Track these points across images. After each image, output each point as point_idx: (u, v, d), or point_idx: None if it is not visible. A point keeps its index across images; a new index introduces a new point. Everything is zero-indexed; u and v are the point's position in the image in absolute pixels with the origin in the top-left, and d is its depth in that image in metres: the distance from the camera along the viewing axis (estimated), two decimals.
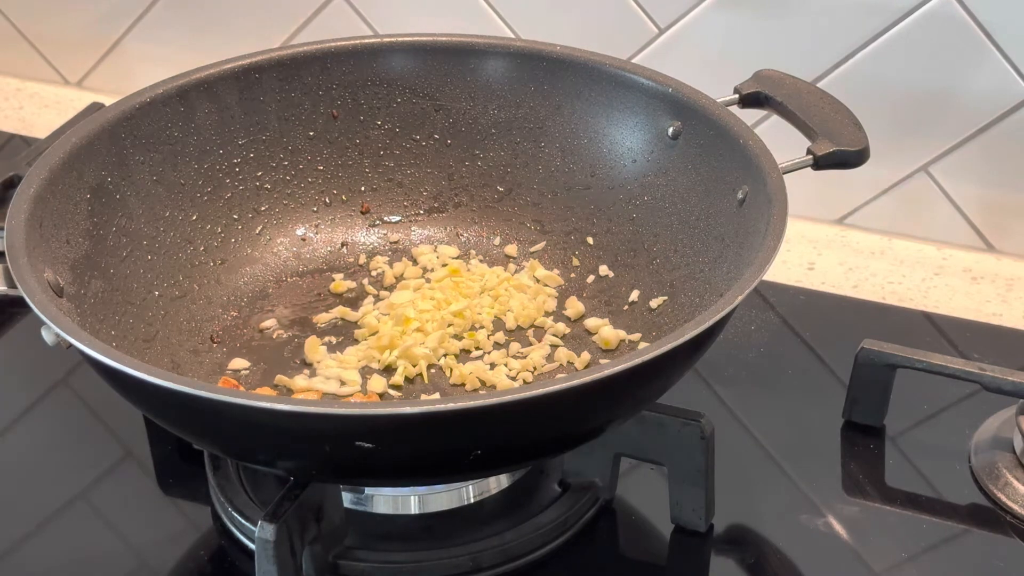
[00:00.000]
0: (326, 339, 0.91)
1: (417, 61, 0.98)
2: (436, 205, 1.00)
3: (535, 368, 0.88)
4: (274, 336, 0.92)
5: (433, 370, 0.89)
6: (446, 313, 0.91)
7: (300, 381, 0.87)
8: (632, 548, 0.85)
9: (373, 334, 0.91)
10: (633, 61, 1.14)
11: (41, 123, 1.32)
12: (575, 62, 0.96)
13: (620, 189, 0.95)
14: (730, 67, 0.97)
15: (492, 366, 0.89)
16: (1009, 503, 0.86)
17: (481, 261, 0.97)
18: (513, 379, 0.88)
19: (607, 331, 0.91)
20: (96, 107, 1.22)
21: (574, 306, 0.93)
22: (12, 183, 1.11)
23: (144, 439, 0.91)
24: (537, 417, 0.69)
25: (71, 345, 0.71)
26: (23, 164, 1.14)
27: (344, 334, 0.92)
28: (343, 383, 0.87)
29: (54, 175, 0.83)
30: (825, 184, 0.98)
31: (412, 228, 1.00)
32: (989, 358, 0.96)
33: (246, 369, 0.89)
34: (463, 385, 0.87)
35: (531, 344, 0.91)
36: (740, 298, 0.72)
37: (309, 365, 0.89)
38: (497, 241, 0.99)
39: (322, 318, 0.93)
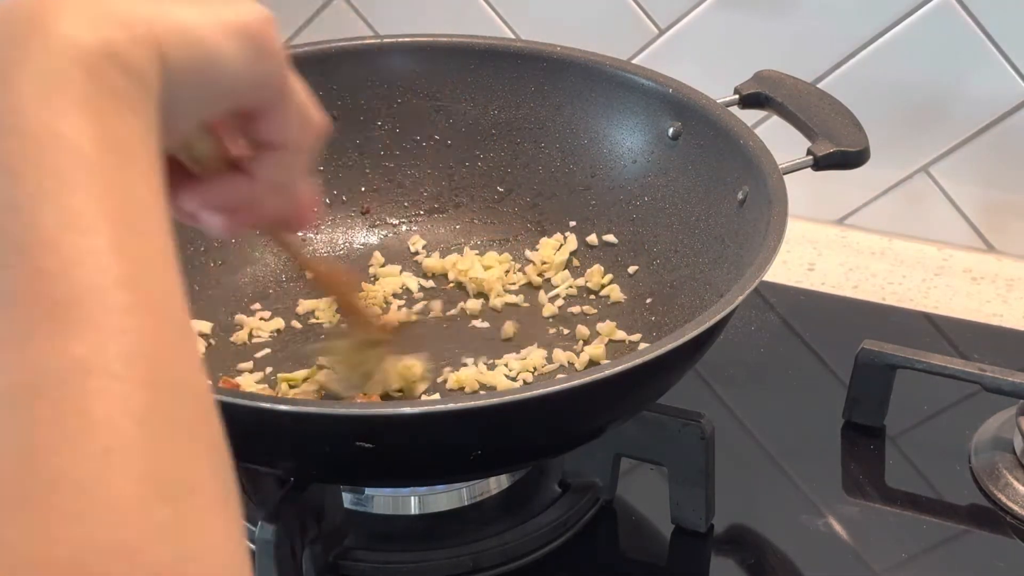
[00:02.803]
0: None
1: (417, 61, 0.98)
2: (436, 206, 1.00)
3: (535, 368, 0.88)
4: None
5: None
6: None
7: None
8: (632, 548, 0.85)
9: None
10: (633, 61, 1.14)
11: None
12: (575, 63, 0.96)
13: (620, 189, 0.95)
14: (730, 67, 0.97)
15: (492, 366, 0.89)
16: (1009, 503, 0.86)
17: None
18: (513, 379, 0.88)
19: (606, 326, 0.91)
20: None
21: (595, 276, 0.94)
22: None
23: None
24: (537, 417, 0.69)
25: None
26: None
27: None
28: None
29: None
30: (825, 184, 0.98)
31: (412, 229, 1.00)
32: (989, 358, 0.96)
33: (249, 370, 0.89)
34: (462, 388, 0.87)
35: (531, 344, 0.91)
36: (740, 298, 0.72)
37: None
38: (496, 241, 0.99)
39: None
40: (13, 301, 0.38)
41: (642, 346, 0.88)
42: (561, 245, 0.97)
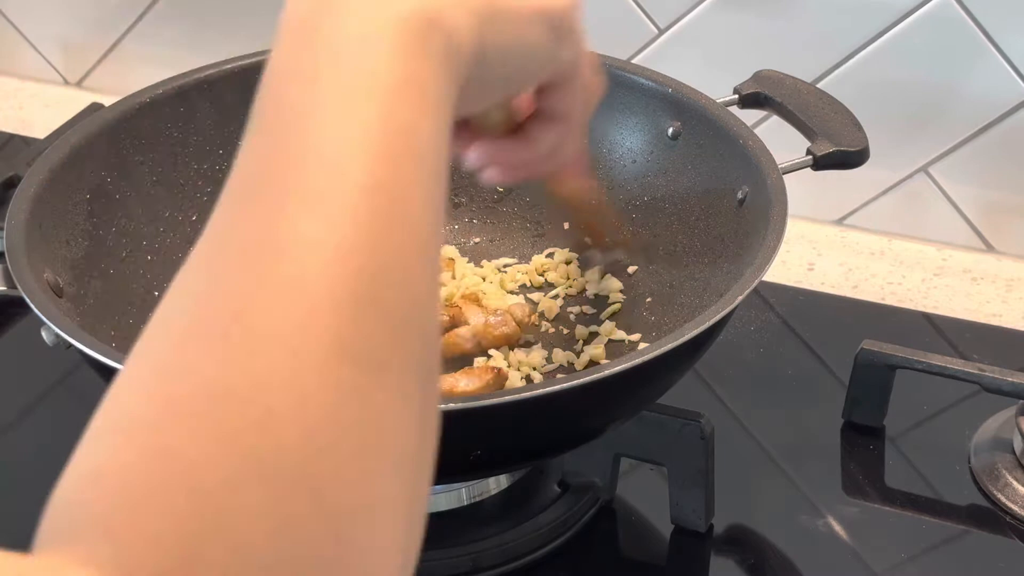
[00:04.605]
0: None
1: None
2: None
3: (535, 368, 0.88)
4: None
5: None
6: None
7: None
8: (632, 548, 0.85)
9: None
10: (633, 61, 1.14)
11: (41, 123, 1.32)
12: None
13: (620, 189, 0.95)
14: (730, 67, 0.97)
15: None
16: (1009, 504, 0.86)
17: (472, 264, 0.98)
18: None
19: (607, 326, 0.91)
20: (96, 107, 1.22)
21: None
22: (12, 183, 1.11)
23: None
24: (537, 417, 0.69)
25: (71, 345, 0.71)
26: (23, 164, 1.13)
27: None
28: None
29: (54, 175, 0.83)
30: (825, 184, 0.98)
31: None
32: (989, 359, 0.96)
33: None
34: None
35: (530, 344, 0.91)
36: (740, 298, 0.72)
37: None
38: (496, 242, 0.99)
39: None
40: (269, 180, 0.41)
41: (642, 346, 0.88)
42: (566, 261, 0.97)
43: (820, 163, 0.86)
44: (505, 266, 0.97)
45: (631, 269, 0.94)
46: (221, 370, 0.37)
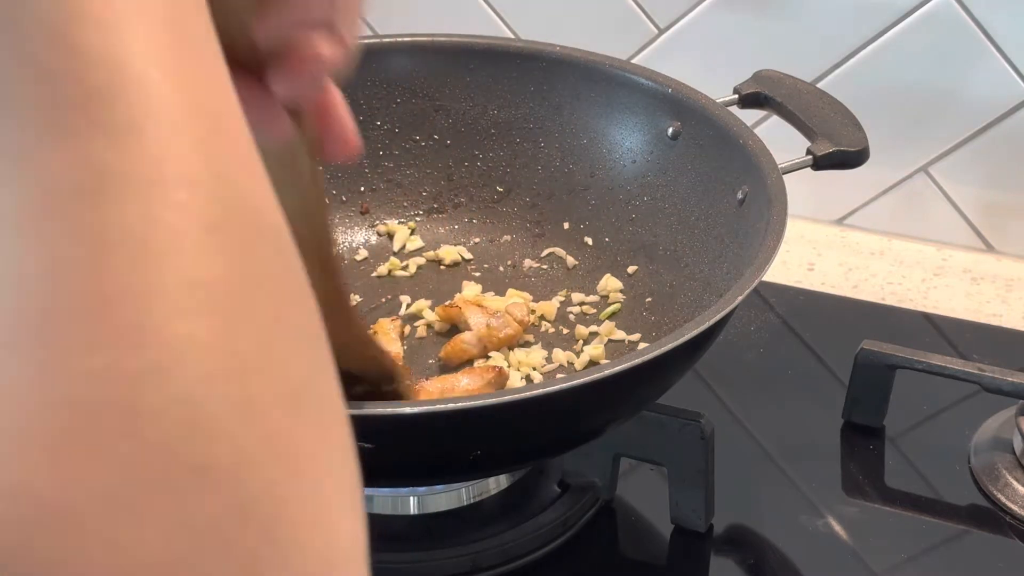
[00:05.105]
0: None
1: (417, 61, 0.98)
2: (436, 206, 1.00)
3: (535, 368, 0.88)
4: None
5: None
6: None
7: None
8: (632, 548, 0.85)
9: None
10: (633, 61, 1.14)
11: None
12: (574, 62, 0.96)
13: (620, 189, 0.95)
14: (730, 67, 0.97)
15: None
16: (1009, 504, 0.86)
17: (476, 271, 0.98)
18: None
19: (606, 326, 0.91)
20: None
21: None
22: None
23: None
24: (537, 417, 0.69)
25: None
26: None
27: None
28: None
29: None
30: (825, 184, 0.98)
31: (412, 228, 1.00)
32: (989, 359, 0.96)
33: None
34: None
35: (529, 344, 0.91)
36: (740, 298, 0.72)
37: None
38: (496, 242, 0.99)
39: None
40: (35, 95, 0.27)
41: (642, 346, 0.88)
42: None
43: (820, 163, 0.86)
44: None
45: (631, 269, 0.94)
46: (38, 381, 0.27)
